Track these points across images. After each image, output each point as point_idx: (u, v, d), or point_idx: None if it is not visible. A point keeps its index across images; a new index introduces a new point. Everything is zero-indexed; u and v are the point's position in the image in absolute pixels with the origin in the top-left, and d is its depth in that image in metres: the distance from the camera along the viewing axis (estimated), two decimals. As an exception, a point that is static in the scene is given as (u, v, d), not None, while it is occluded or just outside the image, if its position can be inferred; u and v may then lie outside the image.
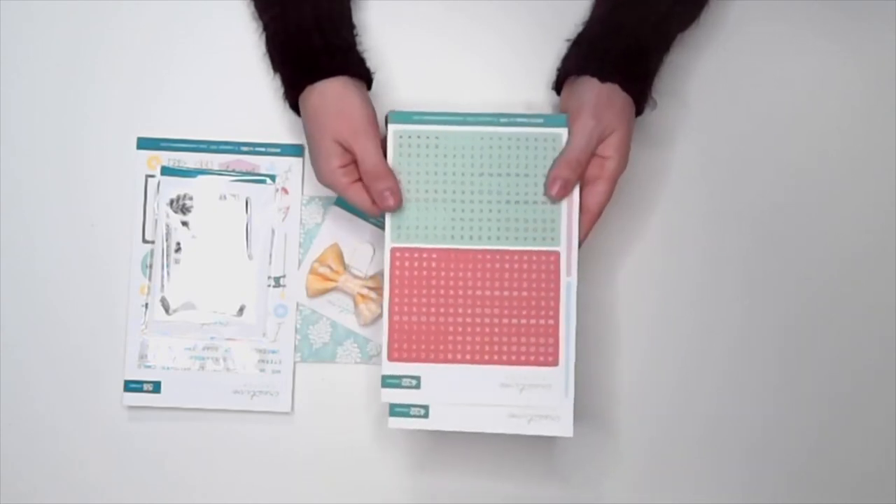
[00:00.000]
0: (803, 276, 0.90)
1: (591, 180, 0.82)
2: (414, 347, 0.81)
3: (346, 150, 0.81)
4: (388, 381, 0.81)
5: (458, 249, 0.82)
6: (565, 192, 0.82)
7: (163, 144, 0.90)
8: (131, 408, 0.88)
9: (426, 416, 0.81)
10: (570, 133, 0.82)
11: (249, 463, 0.88)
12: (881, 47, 0.92)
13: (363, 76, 0.84)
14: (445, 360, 0.81)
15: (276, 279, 0.89)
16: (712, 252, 0.90)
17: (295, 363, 0.89)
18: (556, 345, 0.81)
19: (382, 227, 0.86)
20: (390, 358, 0.81)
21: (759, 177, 0.91)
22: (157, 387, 0.88)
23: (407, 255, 0.82)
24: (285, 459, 0.88)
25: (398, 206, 0.81)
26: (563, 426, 0.80)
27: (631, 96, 0.82)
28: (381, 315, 0.87)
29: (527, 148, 0.83)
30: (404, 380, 0.81)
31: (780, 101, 0.91)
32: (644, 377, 0.89)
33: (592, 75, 0.82)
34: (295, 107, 0.84)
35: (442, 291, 0.82)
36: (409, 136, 0.83)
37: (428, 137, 0.83)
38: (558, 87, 0.86)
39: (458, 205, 0.82)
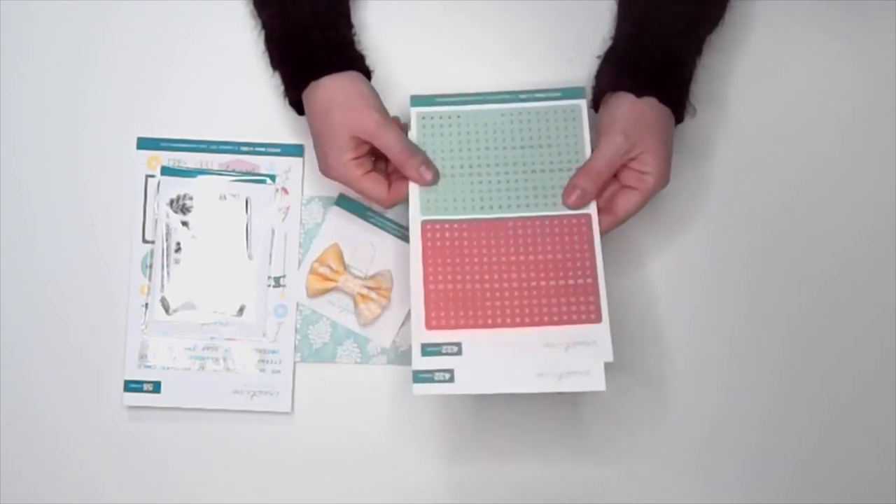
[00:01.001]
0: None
1: (628, 188, 0.82)
2: (452, 314, 0.79)
3: (363, 142, 0.81)
4: (428, 350, 0.78)
5: (487, 219, 0.82)
6: (582, 202, 0.81)
7: (163, 144, 0.90)
8: (131, 408, 0.88)
9: (451, 380, 0.78)
10: (597, 145, 0.82)
11: (249, 463, 0.88)
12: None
13: (363, 72, 0.84)
14: (486, 325, 0.79)
15: (276, 279, 0.89)
16: (727, 255, 0.90)
17: (295, 363, 0.89)
18: (597, 302, 0.80)
19: (382, 227, 0.86)
20: (429, 326, 0.79)
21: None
22: (157, 387, 0.88)
23: (437, 226, 0.82)
24: (285, 459, 0.88)
25: (435, 180, 0.82)
26: (594, 380, 0.78)
27: (669, 107, 0.82)
28: (380, 315, 0.88)
29: (547, 120, 0.83)
30: (445, 347, 0.79)
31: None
32: (644, 376, 0.89)
33: (628, 91, 0.81)
34: (295, 104, 0.84)
35: (476, 259, 0.81)
36: (432, 118, 0.84)
37: (450, 117, 0.84)
38: (596, 104, 0.85)
39: (485, 177, 0.83)
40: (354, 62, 0.84)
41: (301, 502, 0.88)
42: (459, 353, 0.79)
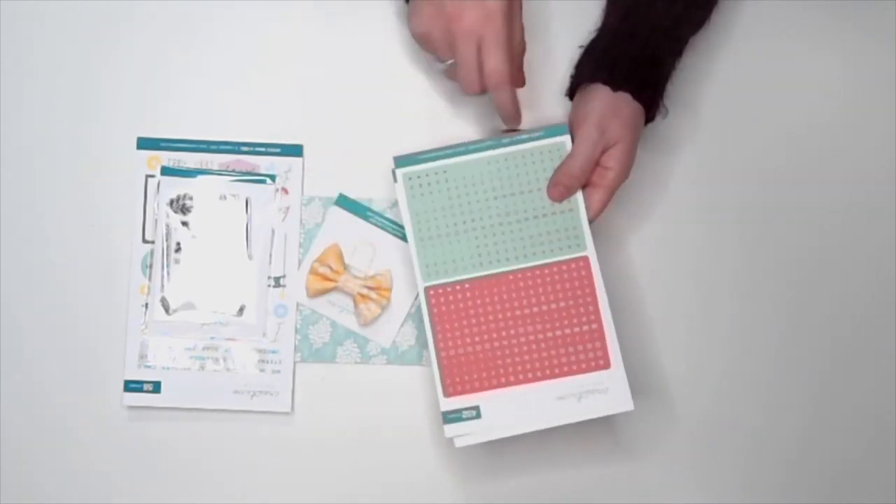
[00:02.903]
0: (811, 280, 0.90)
1: (591, 187, 0.83)
2: (467, 379, 0.81)
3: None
4: (449, 417, 0.81)
5: (489, 275, 0.83)
6: (565, 196, 0.82)
7: (163, 144, 0.90)
8: (131, 408, 0.88)
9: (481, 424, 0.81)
10: (573, 140, 0.82)
11: (249, 463, 0.88)
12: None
13: None
14: (500, 385, 0.81)
15: (276, 279, 0.89)
16: (712, 255, 0.90)
17: (295, 363, 0.89)
18: (604, 348, 0.81)
19: (382, 227, 0.86)
20: (447, 394, 0.81)
21: (766, 179, 0.91)
22: (157, 387, 0.88)
23: (441, 291, 0.82)
24: (285, 459, 0.88)
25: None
26: (620, 401, 0.80)
27: (642, 105, 0.82)
28: (380, 315, 0.88)
29: (533, 162, 0.83)
30: (464, 412, 0.81)
31: (790, 103, 0.92)
32: (644, 374, 0.89)
33: (604, 84, 0.82)
34: None
35: (482, 319, 0.82)
36: (419, 177, 0.84)
37: (437, 174, 0.84)
38: (571, 93, 0.86)
39: (480, 232, 0.83)
40: None
41: (301, 502, 0.88)
42: (478, 416, 0.81)
